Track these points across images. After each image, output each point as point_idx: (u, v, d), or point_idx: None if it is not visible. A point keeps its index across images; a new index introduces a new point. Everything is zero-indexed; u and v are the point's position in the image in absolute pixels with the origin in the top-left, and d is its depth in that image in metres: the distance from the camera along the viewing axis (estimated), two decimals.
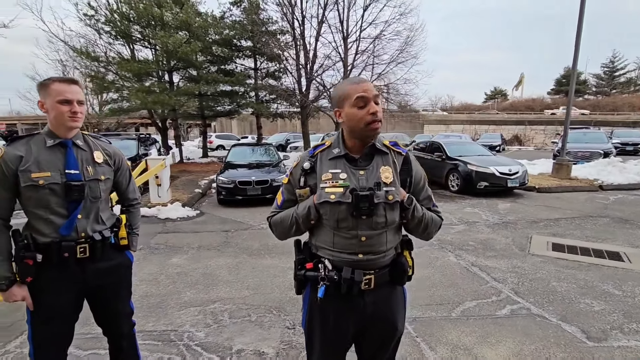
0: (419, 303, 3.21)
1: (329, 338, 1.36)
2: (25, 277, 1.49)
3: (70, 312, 1.62)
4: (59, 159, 1.53)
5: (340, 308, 1.33)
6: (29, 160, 1.47)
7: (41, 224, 1.51)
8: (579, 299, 3.28)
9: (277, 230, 1.44)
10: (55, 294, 1.55)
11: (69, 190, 1.51)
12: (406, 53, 13.74)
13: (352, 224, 1.27)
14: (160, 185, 7.17)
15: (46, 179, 1.47)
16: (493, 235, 5.34)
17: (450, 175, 9.06)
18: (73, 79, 1.57)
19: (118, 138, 10.37)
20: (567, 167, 10.13)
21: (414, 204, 1.32)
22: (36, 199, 1.49)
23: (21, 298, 1.52)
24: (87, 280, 1.61)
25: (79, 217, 1.56)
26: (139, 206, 1.94)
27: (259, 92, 16.44)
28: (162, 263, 4.24)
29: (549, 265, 4.13)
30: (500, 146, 23.21)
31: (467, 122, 37.65)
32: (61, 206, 1.52)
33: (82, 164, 1.58)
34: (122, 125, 22.71)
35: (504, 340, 2.62)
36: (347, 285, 1.26)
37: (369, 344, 1.41)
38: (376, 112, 1.23)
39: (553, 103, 44.49)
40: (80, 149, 1.60)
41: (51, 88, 1.50)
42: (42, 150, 1.51)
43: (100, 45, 13.76)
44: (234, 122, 40.50)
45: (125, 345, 1.84)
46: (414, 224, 1.35)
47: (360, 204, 1.22)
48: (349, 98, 1.24)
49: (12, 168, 1.46)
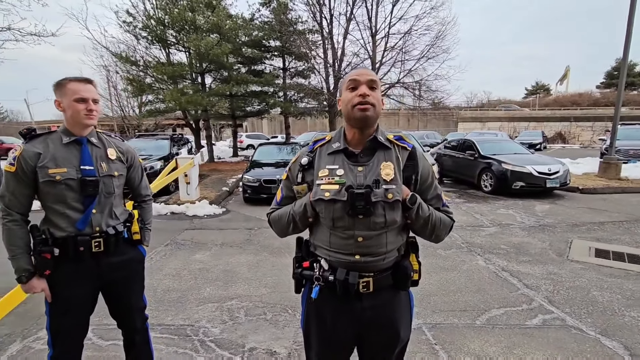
0: (441, 308, 3.05)
1: (326, 340, 1.30)
2: (43, 270, 1.55)
3: (85, 304, 1.67)
4: (75, 156, 1.58)
5: (337, 310, 1.26)
6: (47, 157, 1.53)
7: (58, 218, 1.56)
8: (623, 311, 2.96)
9: (275, 227, 1.40)
10: (72, 286, 1.60)
11: (84, 186, 1.56)
12: (437, 48, 13.28)
13: (348, 224, 1.19)
14: (189, 183, 7.41)
15: (63, 175, 1.53)
16: (528, 238, 4.99)
17: (483, 175, 8.62)
18: (88, 79, 1.61)
19: (153, 138, 10.90)
20: (616, 167, 9.31)
21: (418, 203, 1.21)
22: (54, 195, 1.54)
23: (40, 290, 1.58)
24: (101, 273, 1.66)
25: (93, 211, 1.61)
26: (151, 202, 1.99)
27: (287, 91, 16.60)
28: (186, 259, 4.36)
29: (590, 272, 3.78)
30: (542, 144, 21.86)
31: (504, 119, 35.81)
32: (77, 201, 1.57)
33: (96, 161, 1.63)
34: (159, 126, 23.92)
35: (533, 353, 2.41)
36: (341, 287, 1.19)
37: (369, 350, 1.33)
38: (365, 95, 1.16)
39: (603, 97, 41.24)
40: (95, 146, 1.65)
41: (67, 87, 1.55)
42: (58, 147, 1.57)
43: (139, 50, 14.54)
44: (264, 122, 41.23)
45: (138, 339, 1.88)
46: (419, 225, 1.24)
47: (356, 203, 1.14)
48: (344, 83, 1.23)
49: (30, 165, 1.51)
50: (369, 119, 1.19)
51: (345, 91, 1.22)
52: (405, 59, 13.97)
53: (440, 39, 13.29)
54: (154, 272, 3.90)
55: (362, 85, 1.18)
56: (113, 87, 20.77)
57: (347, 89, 1.21)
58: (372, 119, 1.20)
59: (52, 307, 1.61)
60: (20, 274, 1.54)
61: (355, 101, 1.17)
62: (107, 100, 21.06)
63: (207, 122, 15.75)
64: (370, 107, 1.17)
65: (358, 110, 1.17)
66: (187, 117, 15.60)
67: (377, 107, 1.19)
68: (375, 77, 1.22)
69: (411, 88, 14.52)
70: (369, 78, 1.19)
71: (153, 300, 3.24)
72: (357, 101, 1.17)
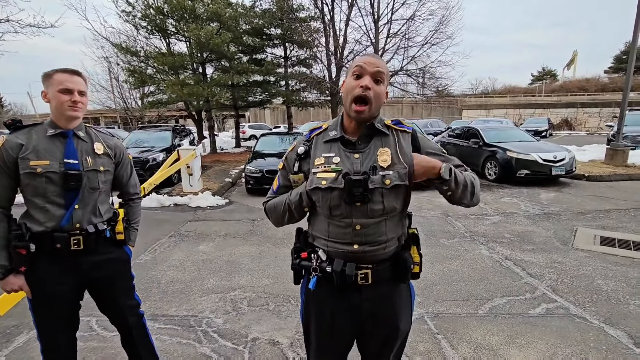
0: (444, 298, 3.05)
1: (324, 332, 1.29)
2: (18, 266, 1.51)
3: (68, 300, 1.63)
4: (59, 149, 1.54)
5: (335, 302, 1.25)
6: (29, 148, 1.49)
7: (38, 212, 1.52)
8: (628, 300, 2.94)
9: (271, 216, 1.38)
10: (50, 283, 1.56)
11: (66, 179, 1.51)
12: (441, 34, 13.02)
13: (345, 212, 1.17)
14: (192, 174, 7.41)
15: (44, 167, 1.48)
16: (532, 227, 4.95)
17: (488, 163, 8.54)
18: (75, 70, 1.56)
19: (155, 130, 10.88)
20: (623, 153, 9.17)
21: (453, 172, 1.15)
22: (34, 187, 1.50)
23: (18, 287, 1.54)
24: (81, 272, 1.61)
25: (75, 207, 1.56)
26: (139, 201, 1.92)
27: (289, 80, 16.43)
28: (189, 250, 4.39)
29: (594, 260, 3.75)
30: (547, 131, 21.59)
31: (510, 106, 35.29)
32: (58, 195, 1.52)
33: (81, 154, 1.58)
34: (162, 117, 23.85)
35: (535, 342, 2.41)
36: (338, 278, 1.18)
37: (368, 343, 1.32)
38: (366, 87, 1.12)
39: (611, 83, 40.40)
40: (81, 139, 1.61)
41: (54, 78, 1.51)
42: (42, 139, 1.52)
43: (139, 40, 14.40)
44: (267, 112, 41.03)
45: (135, 334, 1.85)
46: (459, 192, 1.18)
47: (353, 190, 1.12)
48: (351, 67, 1.19)
49: (12, 156, 1.48)
50: (363, 119, 1.18)
51: (350, 76, 1.18)
52: (409, 45, 13.72)
53: (445, 24, 13.02)
54: (158, 264, 3.93)
55: (367, 76, 1.13)
56: (115, 78, 20.64)
57: (352, 74, 1.17)
58: (366, 119, 1.18)
59: (33, 302, 1.59)
60: None
61: (355, 93, 1.14)
62: (109, 92, 20.98)
63: (209, 113, 15.68)
64: (366, 108, 1.14)
65: (354, 110, 1.15)
66: (189, 108, 15.54)
67: (374, 105, 1.16)
68: (384, 68, 1.17)
69: (415, 75, 14.30)
70: (375, 69, 1.14)
71: (157, 292, 3.28)
72: (356, 94, 1.14)
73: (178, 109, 19.66)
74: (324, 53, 14.55)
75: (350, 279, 1.17)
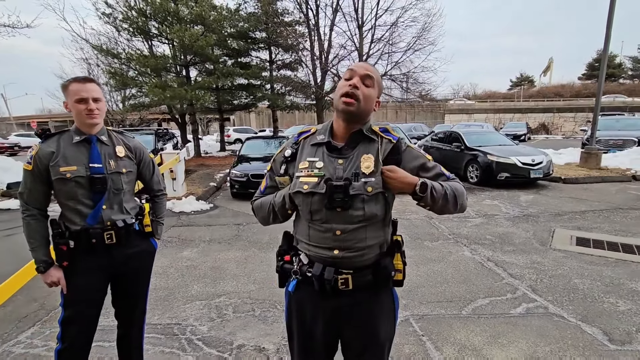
0: (428, 300, 3.10)
1: (306, 335, 1.29)
2: (61, 261, 1.64)
3: (96, 295, 1.73)
4: (84, 154, 1.65)
5: (316, 306, 1.25)
6: (59, 155, 1.61)
7: (71, 213, 1.65)
8: (602, 298, 3.06)
9: (258, 215, 1.39)
10: (86, 277, 1.67)
11: (93, 183, 1.63)
12: (423, 40, 13.32)
13: (326, 217, 1.18)
14: (175, 179, 7.29)
15: (72, 172, 1.60)
16: (512, 228, 5.09)
17: (469, 167, 8.74)
18: (87, 78, 1.65)
19: (137, 133, 10.65)
20: (597, 156, 9.56)
21: (430, 187, 1.14)
22: (65, 191, 1.62)
23: (57, 279, 1.65)
24: (114, 264, 1.73)
25: (103, 207, 1.67)
26: (163, 197, 2.02)
27: (274, 84, 16.41)
28: (173, 256, 4.30)
29: (571, 260, 3.89)
30: (525, 135, 22.27)
31: (490, 110, 36.28)
32: (87, 197, 1.64)
33: (105, 158, 1.68)
34: (144, 120, 23.35)
35: (517, 341, 2.47)
36: (317, 282, 1.19)
37: (348, 350, 1.31)
38: (354, 85, 1.15)
39: (584, 89, 42.13)
40: (104, 144, 1.71)
41: (69, 89, 1.60)
42: (69, 146, 1.64)
43: (120, 42, 14.12)
44: (252, 116, 40.75)
45: (134, 333, 1.93)
46: (439, 205, 1.18)
47: (334, 195, 1.13)
48: (344, 73, 1.23)
49: (44, 163, 1.60)
50: (351, 115, 1.18)
51: (342, 80, 1.22)
52: (392, 50, 13.99)
53: (427, 30, 13.35)
54: None
55: (356, 77, 1.16)
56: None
57: (343, 78, 1.21)
58: (354, 115, 1.18)
59: (66, 297, 1.68)
60: (38, 264, 1.63)
61: (344, 90, 1.16)
62: None
63: (193, 116, 15.49)
64: (355, 102, 1.15)
65: (342, 102, 1.16)
66: (172, 111, 15.29)
67: (363, 104, 1.17)
68: (374, 73, 1.19)
69: (399, 80, 14.55)
70: (365, 72, 1.17)
71: None
72: (344, 91, 1.16)
73: (161, 112, 19.35)
74: (309, 57, 14.63)
75: (330, 284, 1.18)
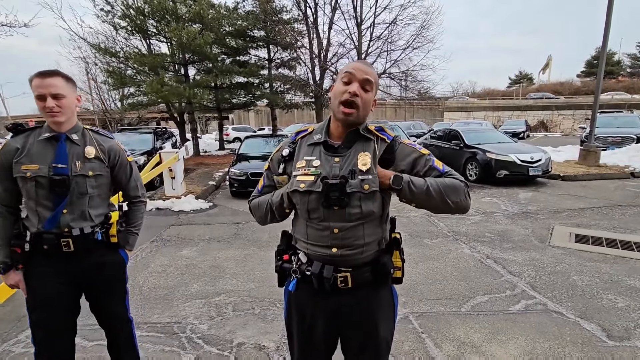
0: (428, 297, 3.10)
1: (306, 334, 1.29)
2: (16, 263, 1.58)
3: (62, 301, 1.62)
4: (50, 153, 1.53)
5: (315, 305, 1.25)
6: (23, 152, 1.51)
7: (31, 214, 1.56)
8: (601, 295, 3.07)
9: (255, 214, 1.39)
10: (44, 282, 1.59)
11: (53, 184, 1.51)
12: (422, 38, 13.31)
13: (323, 215, 1.17)
14: (174, 178, 7.28)
15: (33, 172, 1.49)
16: (511, 226, 5.10)
17: (468, 164, 8.75)
18: (48, 72, 1.49)
19: (136, 132, 10.62)
20: (595, 154, 9.57)
21: (406, 181, 1.13)
22: (25, 191, 1.53)
23: (15, 282, 1.60)
24: (75, 272, 1.61)
25: (64, 211, 1.54)
26: (141, 204, 1.86)
27: (273, 82, 16.38)
28: (172, 255, 4.30)
29: (570, 257, 3.90)
30: (524, 133, 22.27)
31: (489, 108, 36.24)
32: (47, 199, 1.52)
33: (71, 159, 1.55)
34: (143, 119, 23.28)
35: (516, 338, 2.48)
36: (316, 281, 1.19)
37: (349, 347, 1.31)
38: (354, 93, 1.13)
39: (583, 86, 42.12)
40: (74, 143, 1.58)
41: (32, 85, 1.48)
42: (36, 143, 1.53)
43: (118, 41, 14.05)
44: (251, 115, 40.65)
45: (122, 338, 1.85)
46: (421, 200, 1.14)
47: (330, 193, 1.13)
48: (341, 73, 1.20)
49: (9, 159, 1.51)
50: (351, 123, 1.19)
51: (339, 82, 1.19)
52: (391, 49, 13.98)
53: (426, 28, 13.34)
54: (140, 270, 3.83)
55: (355, 83, 1.14)
56: (93, 79, 19.99)
57: (341, 80, 1.18)
58: (354, 122, 1.19)
59: (28, 301, 1.62)
60: None
61: (343, 98, 1.14)
62: (87, 94, 20.30)
63: (192, 115, 15.43)
64: (354, 112, 1.15)
65: (342, 112, 1.15)
66: (170, 110, 15.24)
67: (362, 111, 1.17)
68: (373, 76, 1.18)
69: (397, 79, 14.54)
70: (364, 77, 1.15)
71: (139, 298, 3.19)
72: (344, 98, 1.14)
73: (159, 111, 19.26)
74: (307, 55, 14.60)
75: (329, 282, 1.18)
